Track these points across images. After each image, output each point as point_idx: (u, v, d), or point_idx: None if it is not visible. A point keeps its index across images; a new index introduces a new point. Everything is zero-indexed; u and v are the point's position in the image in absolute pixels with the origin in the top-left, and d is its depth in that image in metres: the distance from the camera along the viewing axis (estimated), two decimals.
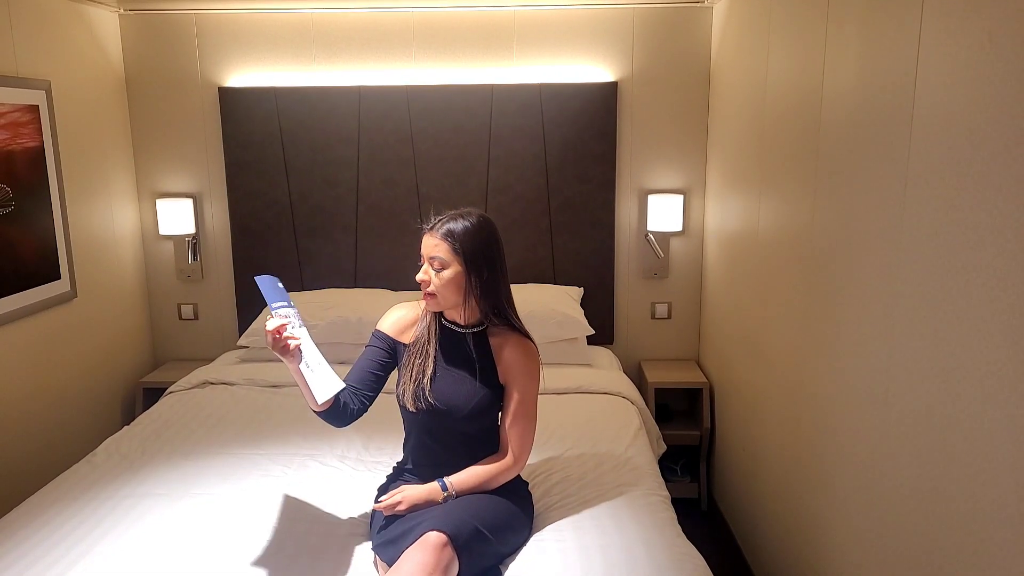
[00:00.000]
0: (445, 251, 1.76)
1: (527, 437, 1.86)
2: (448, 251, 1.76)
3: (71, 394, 3.04)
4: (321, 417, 1.79)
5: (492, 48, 3.30)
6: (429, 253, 1.77)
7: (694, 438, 3.25)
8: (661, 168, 3.38)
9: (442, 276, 1.76)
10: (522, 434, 1.85)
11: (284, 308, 1.69)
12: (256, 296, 3.44)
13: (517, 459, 1.85)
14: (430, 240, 1.78)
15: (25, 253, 2.75)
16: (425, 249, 1.78)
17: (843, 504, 1.84)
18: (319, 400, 1.67)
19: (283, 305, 1.70)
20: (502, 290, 1.85)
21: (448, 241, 1.76)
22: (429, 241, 1.78)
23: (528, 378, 1.85)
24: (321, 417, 1.79)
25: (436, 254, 1.76)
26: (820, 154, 1.97)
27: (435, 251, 1.76)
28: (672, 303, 3.49)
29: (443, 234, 1.76)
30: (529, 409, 1.86)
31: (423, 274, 1.78)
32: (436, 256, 1.76)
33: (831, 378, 1.91)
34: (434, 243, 1.77)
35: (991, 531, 1.24)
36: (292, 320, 1.67)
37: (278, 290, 1.73)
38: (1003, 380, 1.20)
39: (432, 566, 1.55)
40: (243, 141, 3.37)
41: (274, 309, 1.69)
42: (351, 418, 1.81)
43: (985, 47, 1.24)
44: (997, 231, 1.21)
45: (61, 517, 1.96)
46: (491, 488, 1.83)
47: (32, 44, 2.81)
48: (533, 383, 1.87)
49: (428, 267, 1.78)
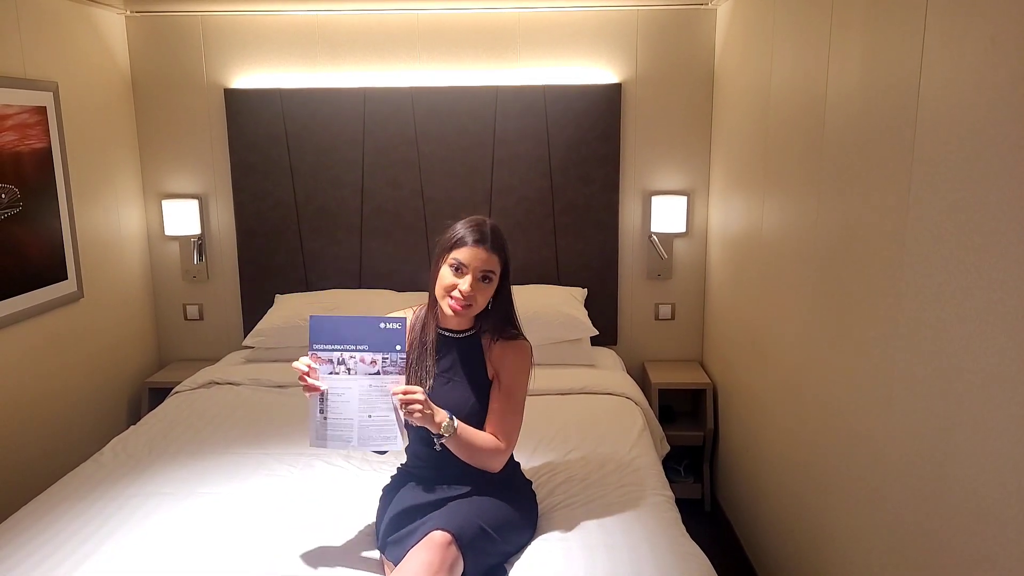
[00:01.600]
0: (496, 264, 1.76)
1: (513, 427, 1.82)
2: (498, 264, 1.76)
3: (77, 394, 3.06)
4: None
5: (496, 50, 3.31)
6: (483, 267, 1.74)
7: (697, 439, 3.25)
8: (665, 169, 3.38)
9: (486, 288, 1.76)
10: (507, 423, 1.81)
11: (329, 352, 1.64)
12: (259, 297, 3.47)
13: (506, 445, 1.80)
14: (482, 254, 1.73)
15: (32, 253, 2.77)
16: (477, 262, 1.73)
17: (846, 505, 1.84)
18: (309, 443, 1.68)
19: (328, 348, 1.64)
20: (511, 296, 1.87)
21: (499, 255, 1.76)
22: (481, 255, 1.73)
23: (516, 371, 1.83)
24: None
25: (491, 268, 1.75)
26: (824, 156, 1.97)
27: (489, 264, 1.74)
28: (676, 304, 3.50)
29: (496, 248, 1.75)
30: (515, 402, 1.82)
31: (469, 287, 1.73)
32: (491, 270, 1.75)
33: (835, 379, 1.92)
34: (486, 257, 1.74)
35: (995, 532, 1.24)
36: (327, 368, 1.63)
37: (335, 328, 1.64)
38: (1007, 382, 1.21)
39: (437, 565, 1.55)
40: (248, 142, 3.39)
41: (312, 351, 1.65)
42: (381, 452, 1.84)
43: (988, 50, 1.25)
44: (1001, 233, 1.22)
45: (68, 516, 1.97)
46: (474, 457, 1.75)
47: (39, 46, 2.83)
48: (521, 376, 1.84)
49: (471, 282, 1.73)
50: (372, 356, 1.62)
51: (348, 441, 1.64)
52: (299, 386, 2.87)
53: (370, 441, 1.64)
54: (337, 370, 1.63)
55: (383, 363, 1.62)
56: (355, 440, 1.64)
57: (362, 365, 1.62)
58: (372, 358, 1.62)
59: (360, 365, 1.62)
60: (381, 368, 1.62)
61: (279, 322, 3.18)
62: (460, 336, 1.87)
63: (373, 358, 1.62)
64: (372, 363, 1.62)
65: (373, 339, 1.62)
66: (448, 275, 1.74)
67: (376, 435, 1.64)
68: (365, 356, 1.62)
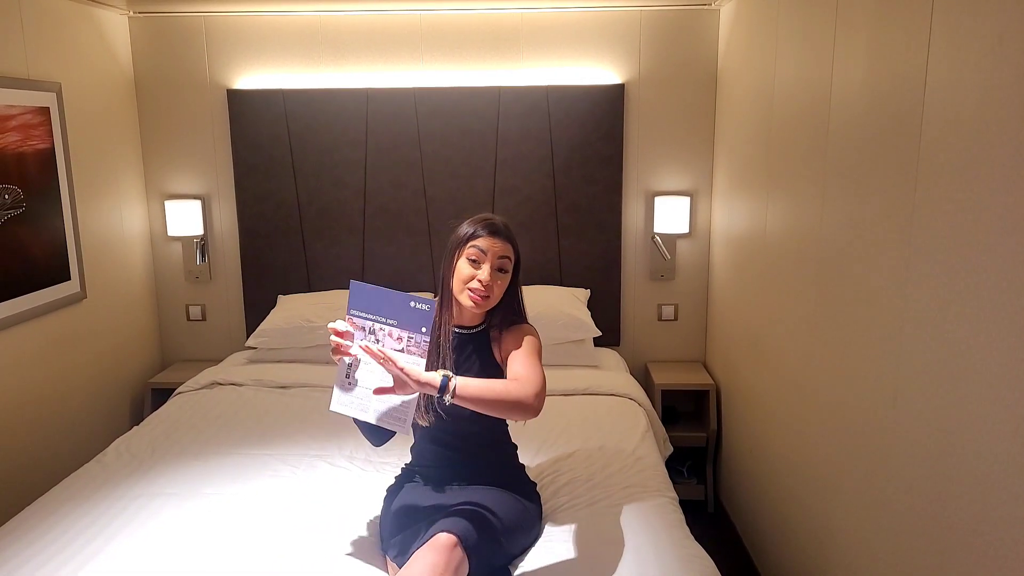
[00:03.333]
0: (511, 253, 1.80)
1: (537, 378, 1.70)
2: (513, 253, 1.81)
3: (80, 395, 3.06)
4: (361, 431, 1.80)
5: (499, 50, 3.31)
6: (500, 254, 1.77)
7: (701, 440, 3.25)
8: (668, 170, 3.38)
9: (502, 279, 1.79)
10: (525, 366, 1.73)
11: (363, 320, 1.61)
12: (261, 297, 3.47)
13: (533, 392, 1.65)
14: (498, 243, 1.77)
15: (35, 254, 2.77)
16: (495, 251, 1.76)
17: (850, 506, 1.84)
18: (330, 407, 1.66)
19: (363, 315, 1.61)
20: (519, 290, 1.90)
21: (513, 244, 1.81)
22: (499, 244, 1.77)
23: (529, 346, 1.80)
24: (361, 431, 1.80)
25: (507, 255, 1.79)
26: (829, 156, 1.96)
27: (506, 252, 1.78)
28: (679, 305, 3.49)
29: (510, 237, 1.80)
30: (528, 352, 1.77)
31: (488, 276, 1.75)
32: (507, 257, 1.79)
33: (839, 380, 1.91)
34: (503, 245, 1.78)
35: (999, 534, 1.24)
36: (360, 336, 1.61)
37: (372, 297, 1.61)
38: (1012, 383, 1.20)
39: (442, 567, 1.55)
40: (251, 143, 3.39)
41: (350, 315, 1.62)
42: (385, 437, 1.82)
43: (995, 49, 1.24)
44: (1007, 233, 1.21)
45: (72, 517, 1.97)
46: (497, 402, 1.61)
47: (43, 47, 2.83)
48: (535, 349, 1.81)
49: (490, 270, 1.76)
50: (399, 332, 1.61)
51: (365, 411, 1.64)
52: (301, 387, 2.94)
53: (384, 418, 1.63)
54: (367, 339, 1.62)
55: (407, 342, 1.60)
56: (372, 414, 1.63)
57: (389, 340, 1.61)
58: (399, 334, 1.61)
59: (388, 340, 1.61)
60: (406, 346, 1.60)
61: (281, 323, 3.18)
62: (471, 332, 1.88)
63: (400, 335, 1.61)
64: (398, 339, 1.61)
65: (403, 316, 1.61)
66: (466, 268, 1.76)
67: (390, 414, 1.63)
68: (393, 331, 1.61)
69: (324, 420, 2.62)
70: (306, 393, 2.90)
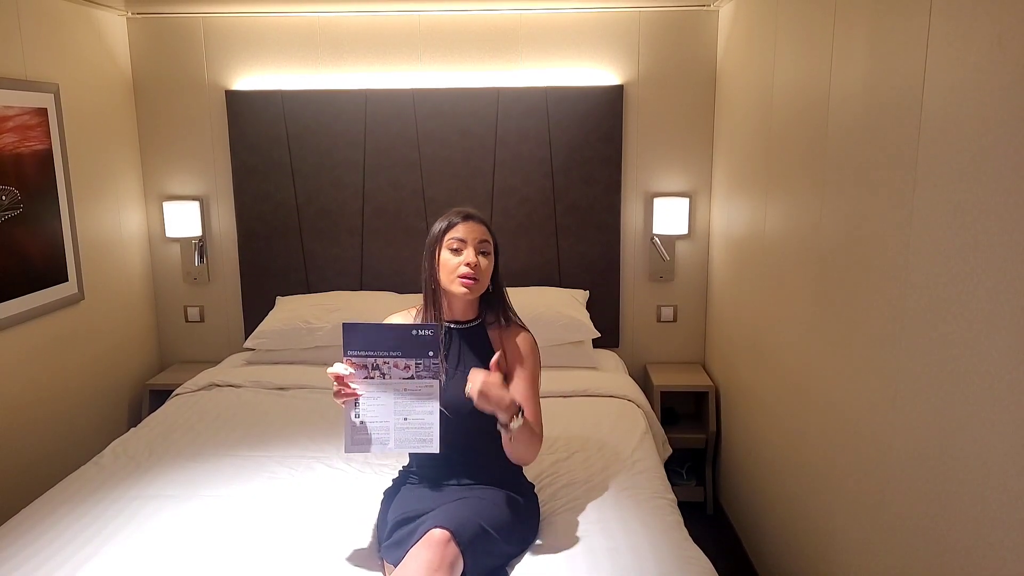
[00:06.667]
0: (489, 236, 1.86)
1: (539, 414, 1.88)
2: (491, 236, 1.87)
3: (78, 396, 3.05)
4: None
5: (498, 51, 3.31)
6: (480, 238, 1.84)
7: (700, 441, 3.24)
8: (667, 171, 3.38)
9: (486, 263, 1.84)
10: (538, 410, 1.88)
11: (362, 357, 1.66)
12: (260, 299, 3.46)
13: (540, 432, 1.87)
14: (477, 227, 1.84)
15: (33, 255, 2.76)
16: (473, 235, 1.83)
17: (850, 508, 1.83)
18: (344, 450, 1.72)
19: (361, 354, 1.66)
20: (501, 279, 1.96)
21: (489, 228, 1.88)
22: (476, 228, 1.84)
23: (534, 365, 1.92)
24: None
25: (486, 238, 1.85)
26: (827, 157, 1.96)
27: (484, 236, 1.85)
28: (678, 306, 3.49)
29: (484, 221, 1.87)
30: (536, 389, 1.91)
31: (473, 258, 1.81)
32: (486, 240, 1.85)
33: (838, 381, 1.91)
34: (482, 229, 1.85)
35: (999, 535, 1.23)
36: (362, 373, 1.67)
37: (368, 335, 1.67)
38: (1011, 384, 1.20)
39: (437, 563, 1.55)
40: (250, 144, 3.38)
41: (348, 356, 1.67)
42: None
43: (994, 50, 1.24)
44: (1006, 234, 1.21)
45: (69, 518, 1.96)
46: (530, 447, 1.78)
47: (40, 48, 2.83)
48: (538, 370, 1.94)
49: (474, 253, 1.82)
50: (406, 362, 1.67)
51: (384, 443, 1.68)
52: (300, 388, 2.93)
53: (406, 443, 1.69)
54: (372, 375, 1.67)
55: (416, 368, 1.67)
56: (392, 443, 1.68)
57: (396, 370, 1.67)
58: (406, 363, 1.67)
59: (395, 370, 1.67)
60: (415, 373, 1.67)
61: (280, 324, 3.18)
62: (464, 327, 1.90)
63: (407, 363, 1.67)
64: (406, 368, 1.67)
65: (406, 346, 1.67)
66: (450, 258, 1.83)
67: (412, 437, 1.68)
68: (399, 361, 1.67)
69: (322, 422, 2.61)
70: (304, 395, 2.89)
